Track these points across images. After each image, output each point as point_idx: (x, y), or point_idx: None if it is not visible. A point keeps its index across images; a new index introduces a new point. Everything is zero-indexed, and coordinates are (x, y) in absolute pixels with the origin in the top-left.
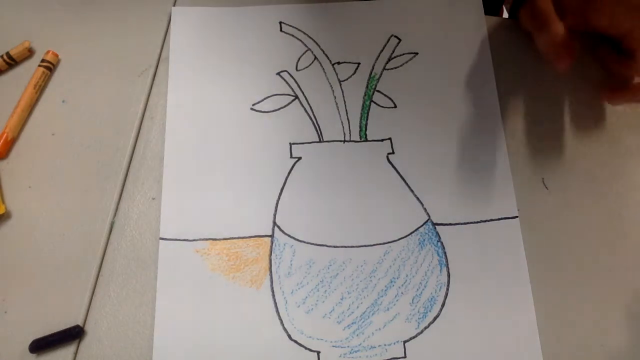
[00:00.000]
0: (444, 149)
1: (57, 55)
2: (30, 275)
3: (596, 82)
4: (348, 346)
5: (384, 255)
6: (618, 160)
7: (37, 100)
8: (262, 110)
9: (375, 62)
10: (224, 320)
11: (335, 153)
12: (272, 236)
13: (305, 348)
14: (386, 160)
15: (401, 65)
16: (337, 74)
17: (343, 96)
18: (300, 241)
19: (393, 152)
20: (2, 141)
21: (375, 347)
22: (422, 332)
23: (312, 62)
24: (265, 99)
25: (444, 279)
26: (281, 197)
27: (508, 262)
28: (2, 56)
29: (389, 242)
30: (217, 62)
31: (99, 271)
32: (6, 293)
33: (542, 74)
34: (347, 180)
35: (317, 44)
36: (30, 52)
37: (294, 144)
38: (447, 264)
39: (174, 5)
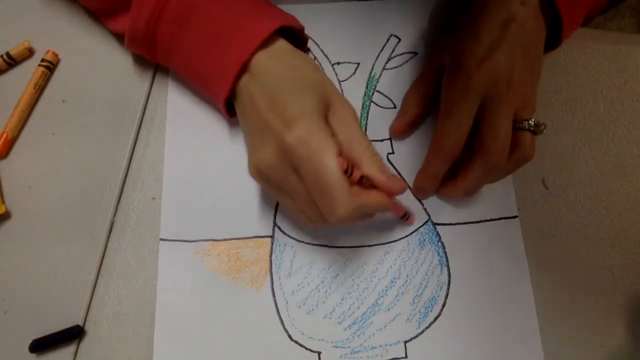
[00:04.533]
0: None
1: (57, 55)
2: (30, 275)
3: (596, 81)
4: (349, 346)
5: (385, 256)
6: (618, 161)
7: (37, 100)
8: None
9: (375, 62)
10: (224, 321)
11: None
12: (272, 237)
13: (306, 349)
14: (386, 160)
15: (401, 65)
16: (337, 74)
17: None
18: (301, 242)
19: (393, 152)
20: (2, 141)
21: (376, 347)
22: (423, 332)
23: None
24: None
25: (444, 278)
26: None
27: (508, 262)
28: (2, 56)
29: (389, 242)
30: None
31: (99, 271)
32: (6, 293)
33: (541, 73)
34: None
35: (317, 44)
36: (30, 52)
37: None
38: (448, 264)
39: None
